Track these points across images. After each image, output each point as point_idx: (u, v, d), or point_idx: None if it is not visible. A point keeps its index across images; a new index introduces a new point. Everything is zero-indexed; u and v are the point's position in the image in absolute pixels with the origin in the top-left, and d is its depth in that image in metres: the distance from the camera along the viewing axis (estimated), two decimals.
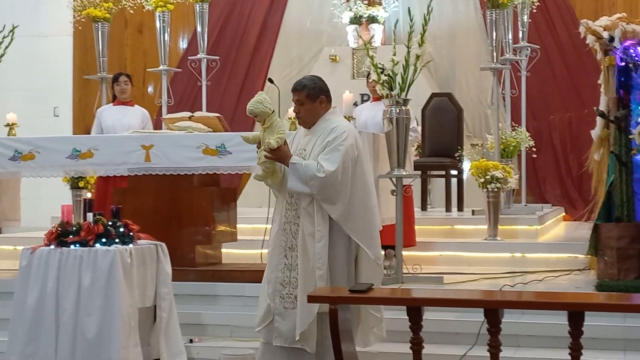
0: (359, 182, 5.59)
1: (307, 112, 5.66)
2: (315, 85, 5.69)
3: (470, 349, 5.59)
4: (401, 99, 7.38)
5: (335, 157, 5.42)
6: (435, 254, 8.66)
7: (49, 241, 6.21)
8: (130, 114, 9.54)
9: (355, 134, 5.70)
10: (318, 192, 5.43)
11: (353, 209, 5.53)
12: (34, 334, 6.04)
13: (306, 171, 5.41)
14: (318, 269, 5.47)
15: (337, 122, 5.68)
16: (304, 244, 5.53)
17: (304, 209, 5.54)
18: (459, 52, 13.06)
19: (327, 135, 5.53)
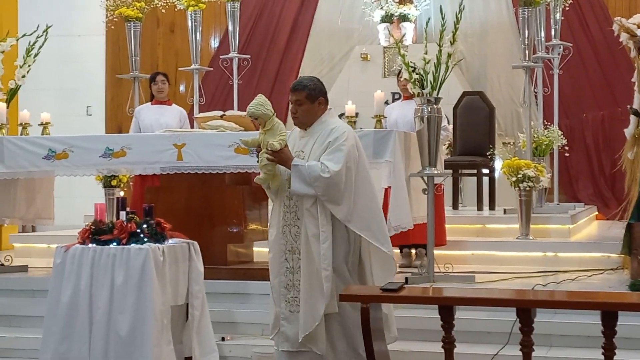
0: (362, 181, 5.58)
1: (305, 112, 5.61)
2: (315, 87, 5.65)
3: (502, 349, 5.57)
4: (433, 98, 7.36)
5: (339, 157, 5.41)
6: (467, 253, 8.66)
7: (83, 239, 6.26)
8: (168, 113, 9.58)
9: (354, 134, 5.70)
10: (323, 192, 5.40)
11: (358, 208, 5.51)
12: (67, 331, 6.08)
13: (310, 172, 5.38)
14: (324, 270, 5.44)
15: (335, 123, 5.67)
16: (307, 245, 5.50)
17: (307, 210, 5.52)
18: (490, 50, 13.02)
19: (327, 136, 5.51)
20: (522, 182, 8.63)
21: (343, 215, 5.45)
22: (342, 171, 5.40)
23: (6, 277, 8.06)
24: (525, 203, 8.74)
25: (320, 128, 5.59)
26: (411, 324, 6.51)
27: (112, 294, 5.94)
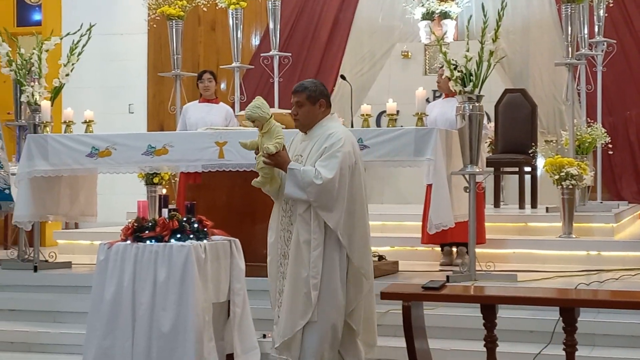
0: (357, 189, 5.48)
1: (305, 114, 5.53)
2: (317, 89, 5.58)
3: (544, 348, 5.54)
4: (474, 95, 7.34)
5: (333, 164, 5.29)
6: (509, 251, 8.62)
7: (126, 236, 6.30)
8: (214, 111, 9.61)
9: (353, 140, 5.57)
10: (315, 199, 5.31)
11: (349, 216, 5.42)
12: (111, 327, 6.12)
13: (304, 177, 5.29)
14: (312, 278, 5.35)
15: (334, 128, 5.55)
16: (297, 251, 5.42)
17: (300, 215, 5.44)
18: (533, 48, 12.94)
19: (324, 141, 5.41)
20: (565, 180, 8.58)
21: (334, 222, 5.34)
22: (335, 178, 5.29)
23: (50, 273, 8.17)
24: (568, 201, 8.69)
25: (320, 132, 5.50)
26: (452, 322, 6.51)
27: (155, 290, 5.97)
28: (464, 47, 7.45)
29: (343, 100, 12.38)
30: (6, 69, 8.63)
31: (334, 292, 5.41)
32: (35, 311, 7.66)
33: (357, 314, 5.48)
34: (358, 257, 5.43)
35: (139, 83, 14.49)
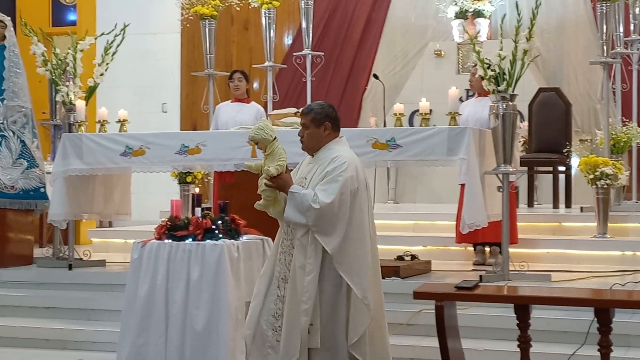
0: (357, 215, 5.32)
1: (310, 136, 5.40)
2: (322, 111, 5.42)
3: (579, 348, 5.52)
4: (508, 95, 7.31)
5: (333, 189, 5.17)
6: (542, 251, 8.57)
7: (159, 235, 6.34)
8: (245, 111, 9.62)
9: (357, 165, 5.41)
10: (314, 223, 5.19)
11: (348, 243, 5.26)
12: (144, 325, 6.17)
13: (303, 201, 5.19)
14: (304, 303, 5.22)
15: (339, 151, 5.38)
16: (294, 276, 5.31)
17: (298, 240, 5.32)
18: (567, 46, 12.88)
19: (327, 165, 5.28)
20: (600, 179, 8.52)
21: (332, 247, 5.20)
22: (334, 203, 5.16)
23: (85, 271, 8.24)
24: (602, 201, 8.62)
25: (325, 156, 5.37)
26: (486, 322, 6.50)
27: (188, 289, 6.01)
28: (497, 46, 7.42)
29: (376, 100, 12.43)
30: (41, 69, 8.68)
31: (335, 322, 5.28)
32: (70, 309, 7.72)
33: (361, 345, 5.30)
34: (359, 285, 5.24)
35: (172, 82, 14.57)
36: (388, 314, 6.83)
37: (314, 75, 11.65)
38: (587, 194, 9.19)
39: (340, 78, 13.70)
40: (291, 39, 14.08)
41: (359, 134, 7.44)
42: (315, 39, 11.87)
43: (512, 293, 5.17)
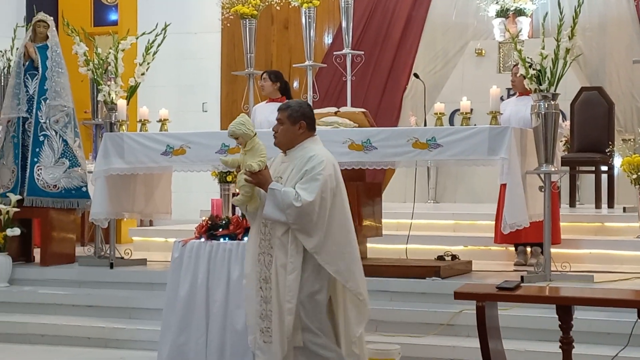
0: (338, 213, 5.32)
1: (284, 132, 5.42)
2: (300, 109, 5.43)
3: (622, 350, 5.47)
4: (550, 94, 7.28)
5: (313, 187, 5.17)
6: (585, 251, 8.51)
7: (200, 234, 6.39)
8: None
9: (334, 163, 5.42)
10: (294, 221, 5.18)
11: (329, 240, 5.25)
12: (185, 324, 6.21)
13: (284, 198, 5.17)
14: (287, 302, 5.21)
15: (315, 150, 5.38)
16: (276, 275, 5.30)
17: (278, 239, 5.31)
18: (610, 45, 12.77)
19: (305, 164, 5.28)
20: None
21: (312, 246, 5.20)
22: (316, 202, 5.16)
23: (126, 270, 8.29)
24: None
25: (301, 154, 5.37)
26: (527, 323, 6.46)
27: (228, 288, 6.03)
28: (539, 45, 7.38)
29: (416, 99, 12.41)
30: (83, 69, 8.75)
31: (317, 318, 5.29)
32: (111, 307, 7.78)
33: (362, 341, 5.43)
34: (351, 283, 5.29)
35: (213, 82, 14.63)
36: (429, 313, 6.90)
37: (354, 75, 11.65)
38: (630, 194, 9.15)
39: (380, 77, 13.70)
40: (331, 38, 14.08)
41: (400, 133, 7.44)
42: (355, 38, 11.88)
43: (554, 294, 5.15)
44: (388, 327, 6.93)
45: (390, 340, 6.59)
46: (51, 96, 8.70)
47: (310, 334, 5.22)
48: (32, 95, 8.74)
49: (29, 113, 8.73)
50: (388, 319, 6.99)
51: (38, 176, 8.63)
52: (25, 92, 8.77)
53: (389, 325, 6.95)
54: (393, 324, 6.96)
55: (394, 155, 7.37)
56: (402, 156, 7.36)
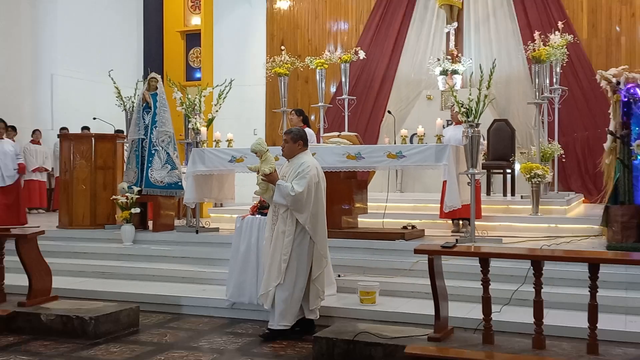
0: (318, 199, 5.49)
1: (288, 148, 5.60)
2: (298, 134, 5.63)
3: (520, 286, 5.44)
4: (474, 123, 7.28)
5: (303, 183, 5.37)
6: (496, 224, 8.49)
7: (252, 212, 6.41)
8: None
9: (318, 167, 5.59)
10: (291, 204, 5.38)
11: (312, 216, 5.44)
12: (243, 269, 6.24)
13: (285, 190, 5.37)
14: (283, 255, 5.44)
15: (306, 159, 5.57)
16: (277, 238, 5.48)
17: (281, 215, 5.49)
18: (512, 92, 12.73)
19: (298, 167, 5.46)
20: (534, 177, 8.48)
21: (303, 220, 5.41)
22: (304, 192, 5.36)
23: (206, 235, 8.31)
24: (535, 192, 8.59)
25: (297, 162, 5.54)
26: (460, 269, 6.47)
27: None
28: (467, 93, 7.37)
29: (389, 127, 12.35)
30: (179, 108, 8.79)
31: (300, 265, 5.47)
32: (197, 258, 7.80)
33: (321, 279, 5.58)
34: (320, 243, 5.52)
35: (260, 115, 14.67)
36: (397, 262, 6.91)
37: (349, 111, 11.68)
38: (525, 187, 9.15)
39: (366, 113, 13.68)
40: (335, 88, 14.06)
41: (379, 149, 7.45)
42: (350, 88, 11.87)
43: (477, 250, 5.13)
44: (371, 271, 6.96)
45: (373, 279, 6.62)
46: (159, 125, 8.72)
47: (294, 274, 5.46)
48: (147, 124, 8.75)
49: (145, 135, 8.75)
50: (371, 266, 7.02)
51: (151, 176, 8.66)
52: (143, 122, 8.79)
53: (372, 270, 6.98)
54: (375, 269, 6.98)
55: (375, 163, 7.38)
56: (380, 163, 7.37)
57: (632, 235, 6.78)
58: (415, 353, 4.50)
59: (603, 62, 12.03)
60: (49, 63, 14.12)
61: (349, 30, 14.36)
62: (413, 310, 5.95)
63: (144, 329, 5.94)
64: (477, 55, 12.72)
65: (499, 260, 5.78)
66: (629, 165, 6.96)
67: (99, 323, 5.62)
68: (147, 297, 6.79)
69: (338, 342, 4.80)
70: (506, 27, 12.97)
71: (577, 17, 12.64)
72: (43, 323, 5.73)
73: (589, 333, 4.40)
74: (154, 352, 5.21)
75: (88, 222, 8.93)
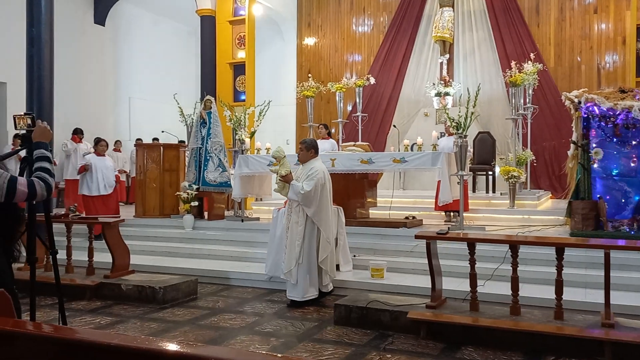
0: (324, 197, 5.46)
1: (303, 155, 5.59)
2: (311, 143, 5.62)
3: (500, 265, 5.41)
4: (463, 135, 7.21)
5: (311, 184, 5.34)
6: (480, 215, 8.41)
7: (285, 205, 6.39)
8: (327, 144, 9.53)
9: (325, 170, 5.55)
10: (301, 200, 5.37)
11: (318, 210, 5.41)
12: (278, 249, 6.20)
13: (297, 189, 5.35)
14: (297, 240, 5.44)
15: (315, 164, 5.55)
16: (292, 227, 5.49)
17: (294, 209, 5.49)
18: (493, 110, 12.58)
19: (309, 171, 5.45)
20: (510, 178, 8.38)
21: (311, 213, 5.40)
22: (312, 190, 5.34)
23: (250, 223, 8.32)
24: (512, 189, 8.48)
25: (309, 167, 5.52)
26: (452, 251, 6.42)
27: None
28: (457, 110, 7.33)
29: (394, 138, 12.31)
30: (229, 123, 8.86)
31: (311, 248, 5.47)
32: (242, 241, 7.82)
33: (326, 262, 5.54)
34: (325, 232, 5.49)
35: (292, 129, 14.66)
36: (401, 245, 6.88)
37: (362, 125, 11.64)
38: (503, 186, 9.03)
39: (375, 126, 13.61)
40: (351, 106, 13.99)
41: (386, 155, 7.42)
42: (363, 106, 11.85)
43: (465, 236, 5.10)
44: (380, 253, 6.94)
45: (382, 259, 6.60)
46: (213, 136, 8.76)
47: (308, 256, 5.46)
48: (203, 136, 8.79)
49: (202, 145, 8.79)
50: (380, 248, 6.99)
51: (206, 176, 8.70)
52: (200, 134, 8.83)
53: (380, 251, 6.95)
54: (383, 250, 6.96)
55: (383, 166, 7.35)
56: (387, 167, 7.35)
57: (590, 224, 6.69)
58: (416, 318, 4.49)
59: (567, 85, 11.86)
60: (127, 89, 14.36)
61: (362, 61, 14.31)
62: (414, 283, 5.93)
63: (201, 297, 5.99)
64: (465, 80, 12.61)
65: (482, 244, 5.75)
66: (588, 169, 6.87)
67: (166, 291, 5.68)
68: (203, 271, 6.85)
69: (354, 309, 4.81)
70: (488, 57, 12.84)
71: (545, 49, 12.49)
72: (123, 291, 5.82)
73: (555, 303, 4.36)
74: (209, 315, 5.26)
75: (157, 212, 9.01)
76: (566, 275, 4.60)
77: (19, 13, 9.01)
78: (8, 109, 11.31)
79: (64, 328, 2.01)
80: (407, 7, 13.64)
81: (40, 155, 2.65)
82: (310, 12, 14.81)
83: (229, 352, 1.55)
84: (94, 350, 1.64)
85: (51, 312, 5.33)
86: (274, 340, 4.43)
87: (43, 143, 2.70)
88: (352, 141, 9.53)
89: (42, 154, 2.66)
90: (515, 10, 12.69)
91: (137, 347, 1.56)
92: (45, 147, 2.69)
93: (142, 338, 1.65)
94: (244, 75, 12.89)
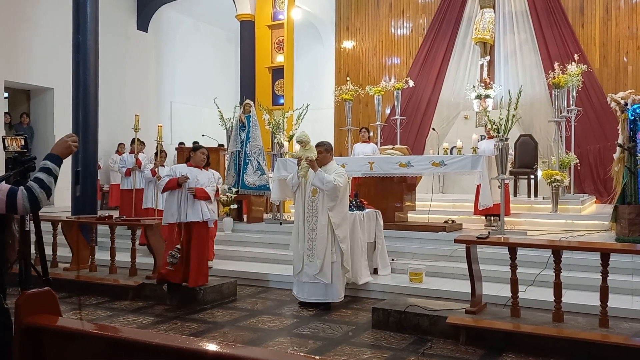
0: (344, 196, 5.48)
1: (323, 156, 5.56)
2: (329, 146, 5.65)
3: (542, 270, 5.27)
4: (504, 137, 7.08)
5: (342, 180, 5.38)
6: (522, 219, 8.24)
7: None
8: (368, 147, 9.58)
9: (345, 173, 5.59)
10: (329, 190, 5.35)
11: (338, 207, 5.41)
12: None
13: (327, 178, 5.35)
14: (342, 243, 5.43)
15: (336, 165, 5.64)
16: (321, 229, 5.42)
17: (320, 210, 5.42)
18: (535, 112, 12.28)
19: (334, 171, 5.45)
20: (553, 182, 8.18)
21: (330, 207, 5.39)
22: (340, 185, 5.36)
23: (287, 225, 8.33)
24: (555, 194, 8.28)
25: (331, 167, 5.52)
26: (493, 255, 6.33)
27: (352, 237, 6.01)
28: (498, 113, 7.20)
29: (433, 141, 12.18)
30: (267, 126, 8.96)
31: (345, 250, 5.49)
32: (280, 244, 7.84)
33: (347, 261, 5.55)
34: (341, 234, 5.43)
35: (330, 132, 14.65)
36: (440, 250, 6.81)
37: (401, 128, 11.57)
38: (546, 190, 8.82)
39: (414, 130, 13.48)
40: (389, 109, 13.94)
41: (425, 159, 7.36)
42: (401, 109, 11.78)
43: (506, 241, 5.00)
44: (419, 257, 6.88)
45: (420, 263, 6.54)
46: (252, 140, 8.85)
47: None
48: (243, 139, 8.89)
49: (241, 148, 8.90)
50: (419, 252, 6.94)
51: (245, 179, 8.80)
52: (239, 138, 8.93)
53: (419, 255, 6.90)
54: (422, 255, 6.90)
55: (422, 170, 7.29)
56: (426, 170, 7.28)
57: (637, 229, 6.48)
58: (455, 323, 4.42)
59: (612, 87, 11.47)
60: (169, 94, 14.67)
61: (401, 64, 14.22)
62: (453, 288, 5.85)
63: (240, 298, 6.06)
64: (506, 83, 12.36)
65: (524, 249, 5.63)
66: (635, 172, 6.64)
67: (206, 293, 5.77)
68: (242, 273, 6.91)
69: (392, 312, 4.77)
70: (530, 59, 12.56)
71: (590, 50, 12.12)
72: (164, 292, 5.94)
73: (600, 310, 4.23)
74: (248, 317, 5.31)
75: None
76: (611, 282, 4.46)
77: (66, 20, 9.31)
78: (55, 113, 11.71)
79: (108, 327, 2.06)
80: (447, 8, 13.48)
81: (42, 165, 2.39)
82: (349, 15, 14.82)
83: (268, 354, 1.57)
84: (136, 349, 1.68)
85: (95, 311, 5.50)
86: (311, 343, 4.44)
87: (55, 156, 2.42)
88: (391, 144, 9.46)
89: (45, 165, 2.38)
90: (558, 10, 12.38)
91: (178, 346, 1.60)
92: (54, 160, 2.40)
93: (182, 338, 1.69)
94: (282, 79, 12.99)
